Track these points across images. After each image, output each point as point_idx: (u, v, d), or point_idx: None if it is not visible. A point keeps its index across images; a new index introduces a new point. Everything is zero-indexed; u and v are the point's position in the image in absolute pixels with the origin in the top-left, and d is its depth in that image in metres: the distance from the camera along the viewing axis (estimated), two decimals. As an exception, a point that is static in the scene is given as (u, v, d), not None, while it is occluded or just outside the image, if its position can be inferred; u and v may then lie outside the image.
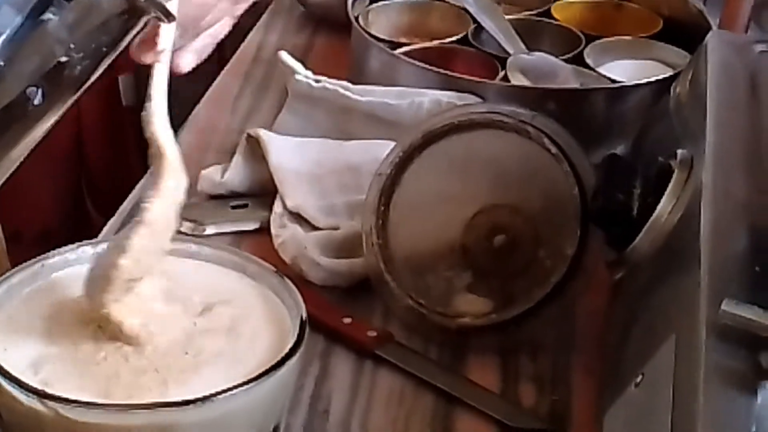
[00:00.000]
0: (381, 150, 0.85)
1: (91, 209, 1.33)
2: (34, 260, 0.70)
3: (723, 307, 0.56)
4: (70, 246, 0.71)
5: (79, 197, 1.33)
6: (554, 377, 0.76)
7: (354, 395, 0.74)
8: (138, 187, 0.95)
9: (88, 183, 1.46)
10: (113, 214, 0.92)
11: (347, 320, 0.79)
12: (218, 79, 1.13)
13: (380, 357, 0.77)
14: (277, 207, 0.89)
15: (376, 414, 0.73)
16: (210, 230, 0.89)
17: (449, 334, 0.78)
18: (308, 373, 0.75)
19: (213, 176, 0.93)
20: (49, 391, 0.60)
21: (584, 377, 0.76)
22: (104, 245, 0.69)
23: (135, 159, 1.32)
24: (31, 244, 1.17)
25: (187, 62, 0.80)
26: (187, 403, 0.60)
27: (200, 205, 0.92)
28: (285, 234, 0.86)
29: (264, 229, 0.89)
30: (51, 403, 0.59)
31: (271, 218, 0.88)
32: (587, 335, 0.79)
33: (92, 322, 0.65)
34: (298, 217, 0.88)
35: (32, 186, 1.22)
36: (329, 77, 1.00)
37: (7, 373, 0.61)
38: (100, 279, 0.65)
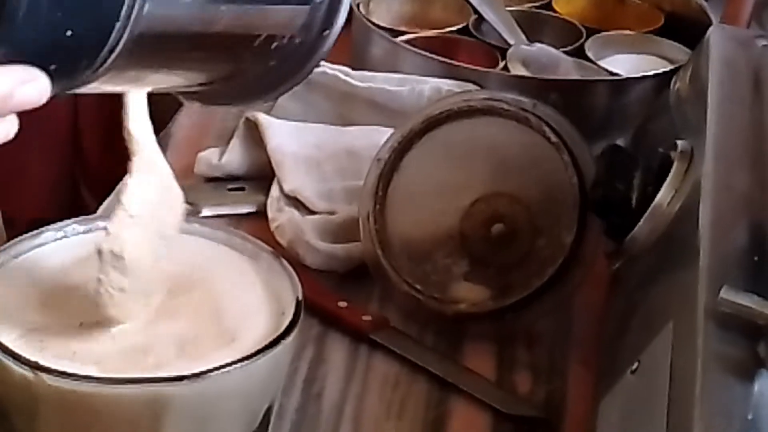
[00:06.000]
0: (380, 136, 0.85)
1: (87, 196, 1.32)
2: (21, 237, 0.70)
3: (722, 294, 0.56)
4: (60, 223, 0.71)
5: (75, 185, 1.33)
6: (550, 366, 0.76)
7: (348, 379, 0.74)
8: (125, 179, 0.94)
9: (83, 170, 1.46)
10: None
11: (343, 304, 0.79)
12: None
13: (375, 342, 0.77)
14: (274, 191, 0.88)
15: (371, 398, 0.72)
16: (206, 212, 0.89)
17: (445, 320, 0.78)
18: (303, 357, 0.75)
19: (210, 158, 0.92)
20: (42, 362, 0.60)
21: (580, 367, 0.75)
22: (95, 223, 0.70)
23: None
24: (26, 231, 1.16)
25: None
26: (180, 378, 0.60)
27: (197, 187, 0.92)
28: (282, 218, 0.85)
29: (261, 213, 0.88)
30: (43, 375, 0.59)
31: (268, 202, 0.88)
32: (584, 325, 0.79)
33: (84, 297, 0.65)
34: (295, 201, 0.88)
35: (27, 173, 1.22)
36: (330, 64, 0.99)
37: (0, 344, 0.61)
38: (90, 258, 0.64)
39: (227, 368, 0.61)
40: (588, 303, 0.79)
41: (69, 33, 0.44)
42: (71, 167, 1.45)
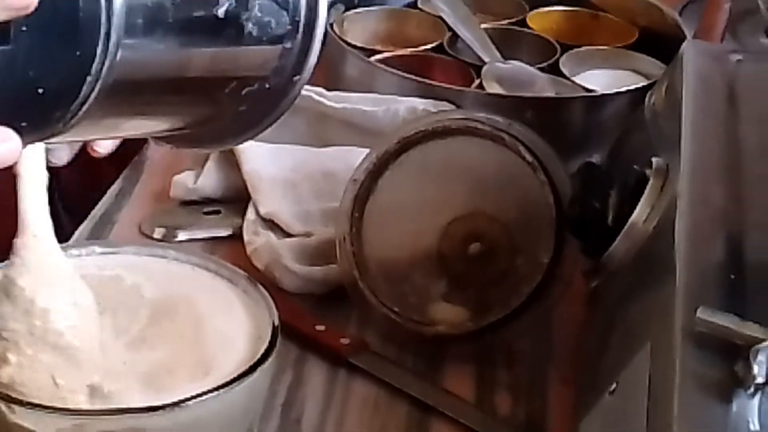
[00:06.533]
0: (356, 157, 0.85)
1: (64, 220, 1.31)
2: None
3: (698, 314, 0.55)
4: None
5: (53, 207, 1.32)
6: (530, 386, 0.76)
7: (327, 404, 0.74)
8: (110, 191, 0.94)
9: (60, 194, 1.45)
10: (85, 219, 0.91)
11: (321, 328, 0.78)
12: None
13: (354, 365, 0.76)
14: (250, 214, 0.88)
15: (350, 423, 0.72)
16: (182, 236, 0.88)
17: (424, 342, 0.78)
18: (281, 381, 0.75)
19: (186, 182, 0.92)
20: (14, 395, 0.59)
21: (560, 386, 0.75)
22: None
23: (107, 163, 1.32)
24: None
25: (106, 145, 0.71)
26: (156, 408, 0.60)
27: (172, 210, 0.91)
28: (258, 241, 0.85)
29: (237, 236, 0.88)
30: (16, 408, 0.59)
31: (244, 225, 0.87)
32: (563, 344, 0.79)
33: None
34: (271, 224, 0.87)
35: (4, 197, 1.21)
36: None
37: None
38: None
39: (204, 397, 0.61)
40: (567, 321, 0.79)
41: (41, 90, 0.44)
42: (49, 190, 1.44)
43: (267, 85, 0.55)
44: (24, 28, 0.45)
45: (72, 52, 0.45)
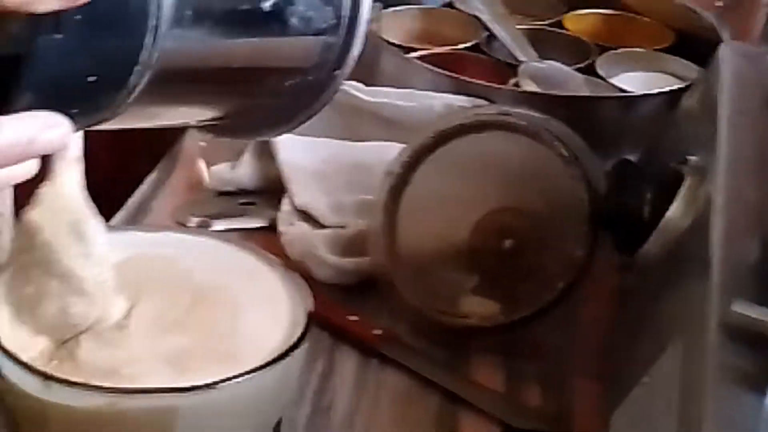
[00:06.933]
0: (390, 152, 0.85)
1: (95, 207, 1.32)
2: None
3: (733, 307, 0.56)
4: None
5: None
6: (559, 380, 0.76)
7: (359, 393, 0.74)
8: (146, 181, 0.95)
9: (93, 188, 1.46)
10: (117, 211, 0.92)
11: (353, 318, 0.79)
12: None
13: (386, 356, 0.77)
14: (285, 205, 0.89)
15: (381, 412, 0.72)
16: (218, 226, 0.89)
17: (455, 334, 0.78)
18: (313, 370, 0.75)
19: (222, 173, 0.93)
20: (52, 373, 0.60)
21: (589, 381, 0.75)
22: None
23: (141, 155, 1.33)
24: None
25: None
26: (190, 389, 0.60)
27: (208, 201, 0.92)
28: (292, 231, 0.86)
29: (271, 227, 0.88)
30: (53, 385, 0.59)
31: (279, 216, 0.88)
32: (593, 339, 0.79)
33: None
34: (305, 216, 0.88)
35: (35, 183, 1.22)
36: (341, 79, 1.00)
37: (11, 353, 0.61)
38: None
39: (237, 379, 0.61)
40: (597, 316, 0.79)
41: (91, 79, 0.45)
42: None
43: (308, 78, 0.56)
44: (77, 18, 0.45)
45: (121, 42, 0.46)
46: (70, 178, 0.61)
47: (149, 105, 0.49)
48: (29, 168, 0.46)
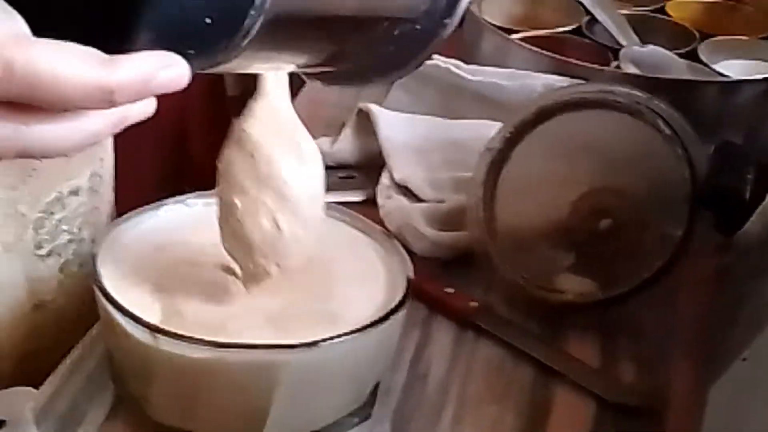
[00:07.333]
0: (489, 130, 0.85)
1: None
2: (144, 207, 0.72)
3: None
4: (180, 196, 0.74)
5: (179, 185, 1.36)
6: (654, 358, 0.76)
7: (454, 362, 0.75)
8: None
9: (189, 172, 1.49)
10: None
11: (449, 290, 0.80)
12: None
13: (481, 328, 0.77)
14: (384, 179, 0.90)
15: (475, 381, 0.73)
16: (317, 199, 0.90)
17: (550, 309, 0.78)
18: (409, 338, 0.76)
19: (322, 147, 0.93)
20: (160, 325, 0.62)
21: (684, 359, 0.75)
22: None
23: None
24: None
25: None
26: (294, 346, 0.62)
27: (308, 174, 0.93)
28: (391, 205, 0.87)
29: (370, 201, 0.90)
30: (161, 338, 0.61)
31: (378, 189, 0.89)
32: (690, 318, 0.79)
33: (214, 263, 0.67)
34: (404, 190, 0.89)
35: (134, 173, 1.25)
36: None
37: (122, 307, 0.63)
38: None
39: (339, 338, 0.62)
40: (695, 296, 0.78)
41: (208, 20, 0.46)
42: (177, 169, 1.49)
43: (417, 27, 0.57)
44: None
45: None
46: (282, 95, 0.61)
47: (262, 49, 0.50)
48: (146, 107, 0.47)
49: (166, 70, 0.46)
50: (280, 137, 0.61)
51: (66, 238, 0.79)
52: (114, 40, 0.45)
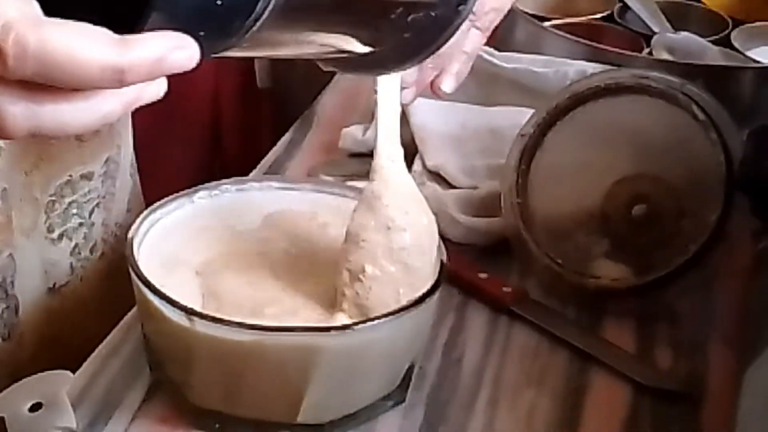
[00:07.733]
0: (523, 117, 0.85)
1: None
2: (178, 194, 0.73)
3: None
4: (214, 183, 0.74)
5: (212, 176, 1.36)
6: (691, 343, 0.75)
7: (488, 348, 0.75)
8: (281, 141, 0.97)
9: (221, 163, 1.50)
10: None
11: (483, 276, 0.80)
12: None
13: (515, 313, 0.77)
14: (417, 165, 0.90)
15: (510, 367, 0.73)
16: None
17: (586, 295, 0.78)
18: (443, 323, 0.76)
19: (355, 134, 0.94)
20: (198, 309, 0.62)
21: (721, 345, 0.75)
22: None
23: (268, 141, 1.36)
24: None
25: (449, 85, 0.82)
26: (329, 329, 0.62)
27: (342, 161, 0.94)
28: (424, 191, 0.86)
29: (402, 188, 0.89)
30: (198, 322, 0.61)
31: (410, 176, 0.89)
32: (727, 303, 0.78)
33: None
34: (437, 177, 0.89)
35: (168, 165, 1.25)
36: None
37: (158, 291, 0.63)
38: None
39: (373, 322, 0.62)
40: (731, 281, 0.78)
41: (219, 2, 0.46)
42: (211, 159, 1.49)
43: (432, 13, 0.56)
44: None
45: None
46: (403, 165, 0.67)
47: (274, 34, 0.50)
48: (157, 88, 0.48)
49: (178, 51, 0.46)
50: (408, 206, 0.65)
51: (77, 222, 0.79)
52: (126, 21, 0.45)
